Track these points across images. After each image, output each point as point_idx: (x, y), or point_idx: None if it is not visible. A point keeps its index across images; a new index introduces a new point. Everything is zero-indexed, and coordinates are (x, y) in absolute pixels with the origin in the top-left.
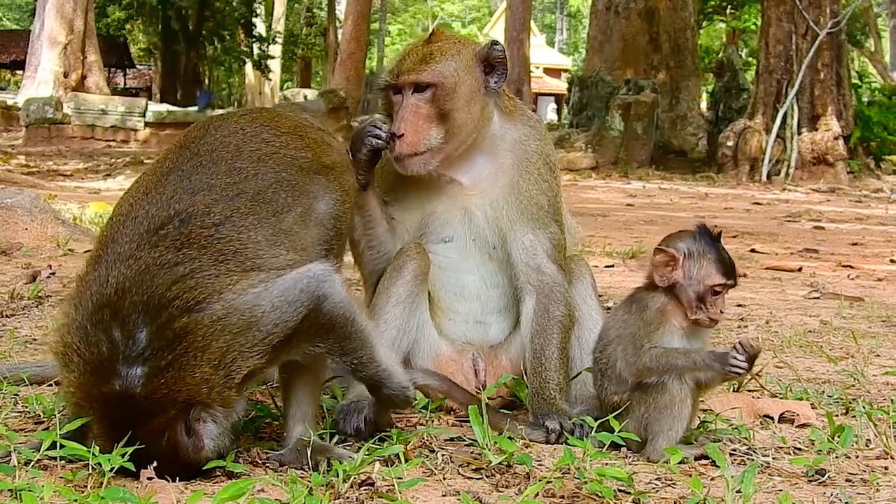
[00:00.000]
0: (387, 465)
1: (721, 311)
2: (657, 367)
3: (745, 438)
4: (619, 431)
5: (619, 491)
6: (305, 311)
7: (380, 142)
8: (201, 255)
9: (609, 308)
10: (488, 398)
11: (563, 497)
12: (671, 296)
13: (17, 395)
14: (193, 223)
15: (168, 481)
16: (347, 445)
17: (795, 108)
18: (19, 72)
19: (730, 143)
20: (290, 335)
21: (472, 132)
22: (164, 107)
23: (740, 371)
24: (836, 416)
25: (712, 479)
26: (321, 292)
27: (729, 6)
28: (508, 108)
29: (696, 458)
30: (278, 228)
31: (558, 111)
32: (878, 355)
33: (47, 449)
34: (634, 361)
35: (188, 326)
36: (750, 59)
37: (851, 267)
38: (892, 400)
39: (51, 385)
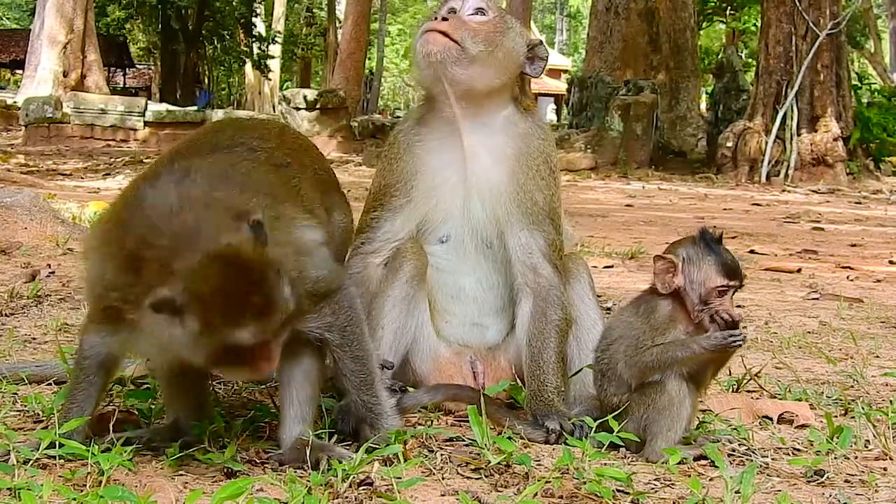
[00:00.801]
0: (386, 465)
1: (727, 310)
2: (658, 363)
3: (744, 439)
4: (618, 432)
5: (618, 491)
6: (338, 282)
7: None
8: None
9: (608, 309)
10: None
11: (561, 497)
12: (677, 302)
13: (16, 393)
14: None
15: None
16: (347, 445)
17: (795, 109)
18: (19, 71)
19: (729, 144)
20: (322, 292)
21: (496, 80)
22: (164, 106)
23: (740, 340)
24: (835, 416)
25: (711, 480)
26: (350, 281)
27: (729, 7)
28: (526, 105)
29: (695, 459)
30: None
31: (558, 112)
32: (878, 356)
33: (46, 448)
34: (636, 362)
35: None
36: (749, 60)
37: (851, 268)
38: (890, 401)
39: (50, 384)
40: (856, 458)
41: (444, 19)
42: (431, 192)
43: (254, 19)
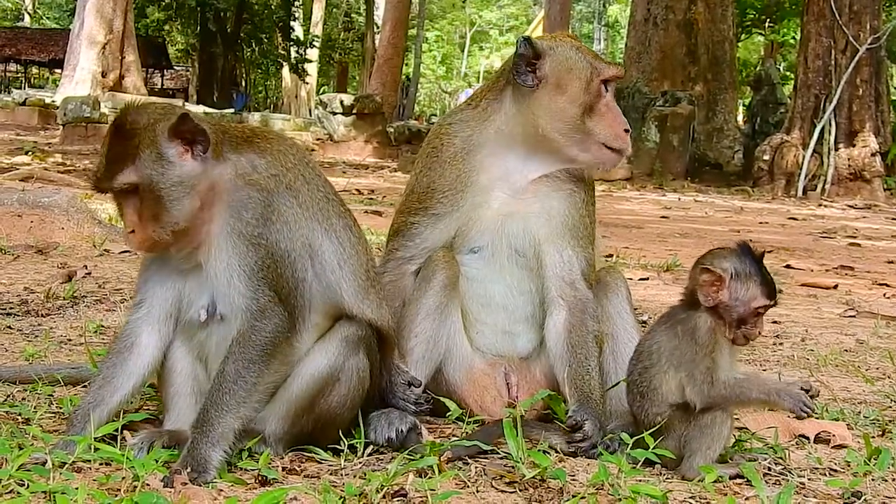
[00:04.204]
0: (420, 477)
1: (759, 333)
2: (731, 395)
3: (781, 458)
4: (653, 448)
5: None
6: None
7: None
8: None
9: (644, 322)
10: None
11: None
12: (714, 314)
13: (51, 395)
14: None
15: None
16: (380, 456)
17: (833, 123)
18: (58, 70)
19: (766, 157)
20: None
21: None
22: (201, 108)
23: (810, 414)
24: (873, 437)
25: (747, 500)
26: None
27: (768, 19)
28: None
29: (732, 478)
30: None
31: None
32: None
33: (81, 451)
34: (708, 391)
35: None
36: (788, 73)
37: (887, 285)
38: None
39: (85, 386)
40: (894, 480)
41: (627, 130)
42: (476, 208)
43: (292, 23)
